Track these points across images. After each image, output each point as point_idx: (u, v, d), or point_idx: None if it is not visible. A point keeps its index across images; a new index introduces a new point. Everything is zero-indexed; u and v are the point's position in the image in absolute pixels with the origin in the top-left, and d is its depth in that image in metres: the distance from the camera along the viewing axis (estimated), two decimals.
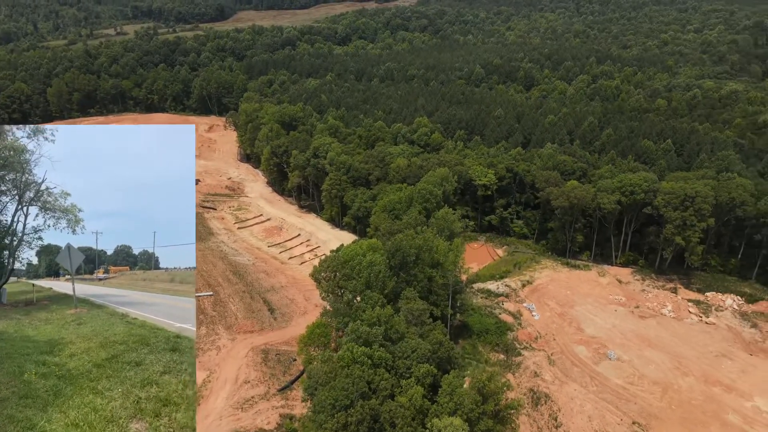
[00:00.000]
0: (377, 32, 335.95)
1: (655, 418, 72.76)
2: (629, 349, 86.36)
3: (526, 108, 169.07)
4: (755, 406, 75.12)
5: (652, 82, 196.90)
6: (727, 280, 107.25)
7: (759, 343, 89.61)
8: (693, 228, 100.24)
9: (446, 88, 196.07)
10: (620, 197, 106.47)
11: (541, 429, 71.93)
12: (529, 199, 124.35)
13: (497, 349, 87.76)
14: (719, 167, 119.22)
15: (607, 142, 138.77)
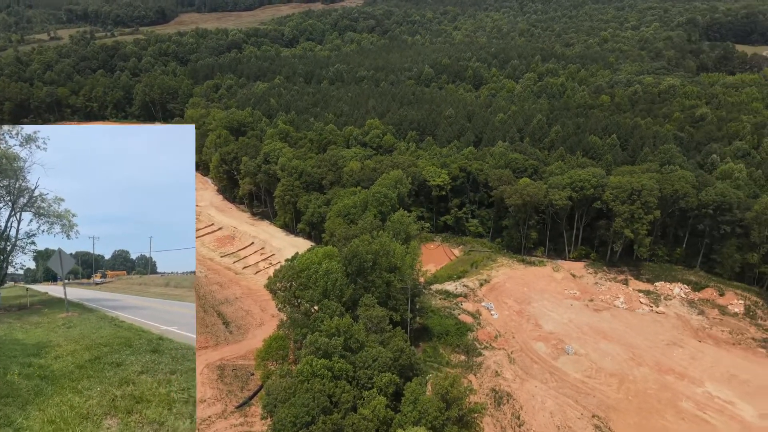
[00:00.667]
0: (325, 34, 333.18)
1: (613, 410, 74.12)
2: (586, 343, 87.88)
3: (476, 107, 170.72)
4: (706, 392, 77.62)
5: (595, 78, 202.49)
6: (674, 270, 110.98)
7: (707, 330, 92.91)
8: (640, 220, 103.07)
9: (397, 89, 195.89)
10: (571, 193, 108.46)
11: (505, 429, 72.06)
12: (483, 197, 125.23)
13: (458, 350, 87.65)
14: (662, 160, 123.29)
15: (556, 138, 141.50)
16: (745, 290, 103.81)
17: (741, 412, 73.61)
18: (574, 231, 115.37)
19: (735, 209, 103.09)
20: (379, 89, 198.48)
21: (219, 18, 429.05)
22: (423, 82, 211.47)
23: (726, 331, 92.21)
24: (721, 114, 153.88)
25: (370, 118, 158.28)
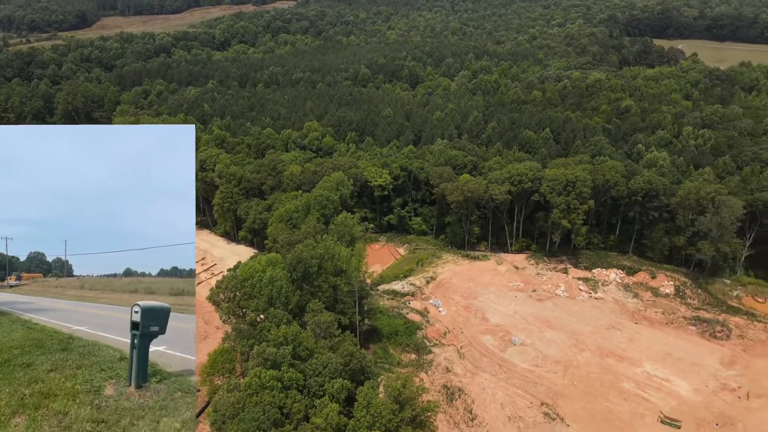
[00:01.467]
0: (258, 36, 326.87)
1: (560, 396, 76.25)
2: (531, 333, 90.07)
3: (414, 105, 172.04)
4: (644, 371, 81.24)
5: (527, 74, 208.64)
6: (609, 256, 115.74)
7: (642, 312, 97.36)
8: (576, 211, 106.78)
9: (334, 90, 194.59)
10: (510, 187, 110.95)
11: (458, 424, 72.69)
12: (425, 195, 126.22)
13: (408, 350, 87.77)
14: (593, 152, 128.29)
15: (493, 134, 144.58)
16: (674, 272, 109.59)
17: (677, 388, 77.47)
18: (515, 224, 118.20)
19: (661, 195, 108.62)
20: (316, 91, 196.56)
21: (145, 21, 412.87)
22: (360, 83, 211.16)
23: (659, 312, 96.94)
24: (644, 105, 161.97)
25: (308, 121, 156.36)
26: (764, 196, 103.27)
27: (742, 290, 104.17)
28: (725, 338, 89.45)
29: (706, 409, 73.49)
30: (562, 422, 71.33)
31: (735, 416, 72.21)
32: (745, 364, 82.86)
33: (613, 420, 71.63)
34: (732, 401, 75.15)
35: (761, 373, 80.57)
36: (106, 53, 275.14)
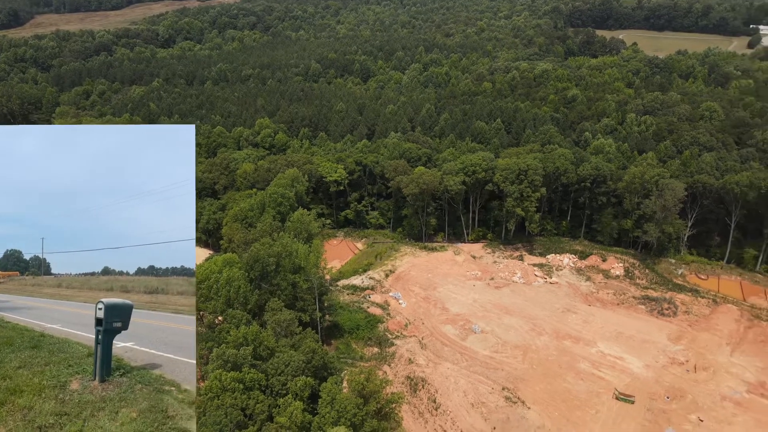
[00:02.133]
0: (204, 32, 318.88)
1: (520, 380, 77.97)
2: (491, 320, 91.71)
3: (367, 100, 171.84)
4: (599, 351, 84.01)
5: (476, 66, 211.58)
6: (562, 242, 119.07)
7: (594, 294, 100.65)
8: (529, 198, 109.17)
9: (285, 86, 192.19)
10: (464, 178, 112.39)
11: (423, 413, 73.34)
12: (381, 189, 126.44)
13: (370, 343, 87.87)
14: (543, 140, 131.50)
15: (446, 126, 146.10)
16: (623, 254, 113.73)
17: (630, 366, 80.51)
18: (471, 214, 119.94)
19: (609, 181, 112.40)
20: (266, 87, 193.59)
21: (82, 19, 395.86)
22: (311, 78, 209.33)
23: (610, 293, 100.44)
24: (589, 94, 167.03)
25: (259, 118, 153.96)
26: (703, 178, 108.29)
27: (686, 268, 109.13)
28: (672, 315, 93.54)
29: (657, 384, 76.72)
30: (523, 405, 73.03)
31: (684, 388, 75.69)
32: (691, 338, 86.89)
33: (571, 399, 73.85)
34: (680, 374, 78.72)
35: (706, 347, 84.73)
36: (41, 52, 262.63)
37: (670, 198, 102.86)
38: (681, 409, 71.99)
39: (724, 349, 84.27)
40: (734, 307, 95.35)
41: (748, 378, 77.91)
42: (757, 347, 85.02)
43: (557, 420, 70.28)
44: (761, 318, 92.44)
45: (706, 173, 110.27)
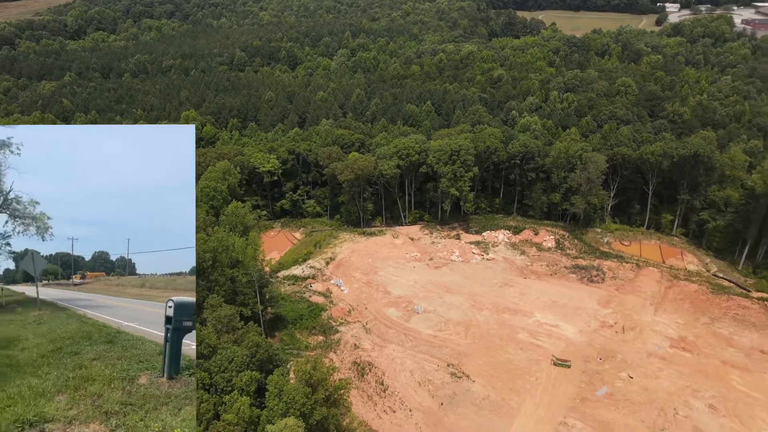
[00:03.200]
0: (117, 22, 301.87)
1: (464, 356, 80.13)
2: (432, 300, 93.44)
3: (296, 87, 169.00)
4: (536, 321, 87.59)
5: (404, 50, 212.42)
6: (496, 219, 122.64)
7: (529, 267, 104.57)
8: (462, 178, 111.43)
9: (209, 77, 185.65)
10: (398, 161, 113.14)
11: (371, 397, 74.02)
12: (315, 177, 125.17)
13: (315, 332, 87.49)
14: (473, 121, 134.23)
15: (377, 110, 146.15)
16: (554, 226, 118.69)
17: (565, 332, 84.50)
18: (407, 197, 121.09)
19: (536, 157, 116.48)
20: (190, 78, 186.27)
21: None
22: (237, 67, 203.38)
23: (544, 265, 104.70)
24: (514, 74, 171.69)
25: (185, 110, 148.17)
26: (622, 150, 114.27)
27: (611, 236, 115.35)
28: (600, 281, 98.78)
29: (590, 347, 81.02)
30: (468, 379, 75.17)
31: (614, 349, 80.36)
32: (618, 302, 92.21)
33: (513, 369, 76.70)
34: (610, 336, 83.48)
35: (632, 308, 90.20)
36: None
37: (593, 170, 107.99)
38: (613, 369, 76.43)
39: (648, 310, 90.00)
40: (655, 270, 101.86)
41: (670, 334, 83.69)
42: (677, 305, 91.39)
43: (501, 390, 72.88)
44: (679, 278, 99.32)
45: (624, 145, 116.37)
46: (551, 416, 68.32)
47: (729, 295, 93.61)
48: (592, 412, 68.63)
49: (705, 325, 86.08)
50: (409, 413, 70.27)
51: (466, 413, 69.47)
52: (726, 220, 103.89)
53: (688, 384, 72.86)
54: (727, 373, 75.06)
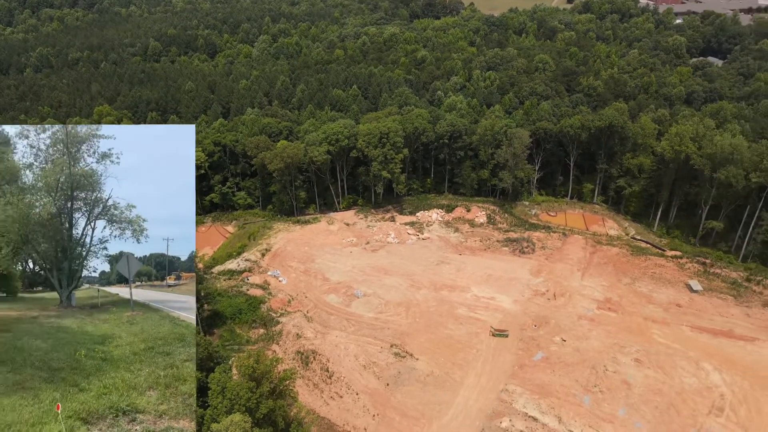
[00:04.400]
0: (13, 13, 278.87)
1: (407, 335, 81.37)
2: (372, 283, 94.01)
3: (217, 76, 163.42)
4: (473, 295, 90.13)
5: (326, 34, 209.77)
6: (429, 198, 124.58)
7: (463, 243, 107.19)
8: (393, 161, 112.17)
9: (123, 69, 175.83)
10: (328, 147, 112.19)
11: (317, 384, 73.90)
12: (245, 168, 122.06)
13: (255, 325, 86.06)
14: (399, 103, 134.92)
15: (303, 97, 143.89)
16: (484, 202, 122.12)
17: (501, 303, 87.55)
18: (339, 182, 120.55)
19: (464, 135, 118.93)
20: (101, 71, 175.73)
21: None
22: (151, 58, 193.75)
23: (477, 240, 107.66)
24: (437, 55, 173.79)
25: (97, 106, 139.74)
26: (544, 124, 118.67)
27: (538, 208, 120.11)
28: (531, 252, 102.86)
29: (526, 315, 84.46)
30: (412, 357, 76.49)
31: (548, 315, 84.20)
32: (549, 270, 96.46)
33: (454, 344, 78.73)
34: (543, 303, 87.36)
35: (561, 275, 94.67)
36: None
37: (518, 146, 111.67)
38: (547, 334, 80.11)
39: (576, 275, 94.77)
40: (580, 237, 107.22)
41: (597, 296, 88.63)
42: (601, 269, 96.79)
43: (444, 365, 74.71)
44: (602, 243, 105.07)
45: (545, 120, 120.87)
46: (493, 385, 70.89)
47: (647, 255, 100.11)
48: (530, 377, 71.79)
49: (627, 285, 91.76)
50: (357, 397, 70.77)
51: (412, 391, 70.81)
52: (640, 186, 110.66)
53: (615, 341, 77.58)
54: (649, 328, 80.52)
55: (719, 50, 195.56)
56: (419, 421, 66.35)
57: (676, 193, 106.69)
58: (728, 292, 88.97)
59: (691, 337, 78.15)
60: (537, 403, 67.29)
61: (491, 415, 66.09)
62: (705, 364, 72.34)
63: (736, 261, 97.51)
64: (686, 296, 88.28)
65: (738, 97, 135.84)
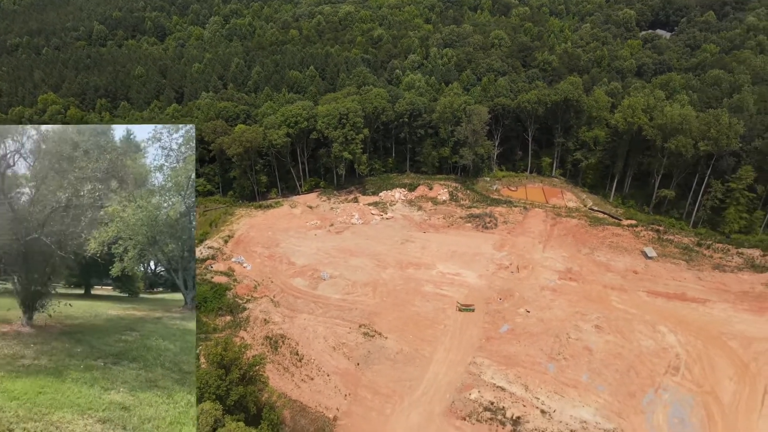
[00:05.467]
0: None
1: (375, 315, 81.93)
2: (338, 265, 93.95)
3: (168, 60, 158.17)
4: (439, 272, 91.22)
5: (280, 14, 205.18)
6: (391, 178, 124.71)
7: (427, 221, 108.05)
8: (354, 141, 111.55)
9: (67, 54, 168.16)
10: (287, 129, 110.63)
11: (288, 368, 73.85)
12: (203, 154, 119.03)
13: (221, 313, 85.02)
14: (358, 83, 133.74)
15: (259, 79, 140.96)
16: (446, 179, 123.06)
17: (466, 279, 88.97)
18: (300, 165, 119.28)
19: (423, 114, 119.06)
20: (43, 57, 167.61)
21: None
22: (97, 42, 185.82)
23: (441, 218, 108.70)
24: (394, 33, 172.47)
25: (41, 93, 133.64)
26: (501, 100, 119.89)
27: (499, 184, 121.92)
28: (494, 227, 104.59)
29: (490, 289, 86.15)
30: (381, 336, 77.21)
31: (512, 288, 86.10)
32: (511, 244, 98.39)
33: (421, 321, 79.79)
34: (507, 277, 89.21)
35: (524, 248, 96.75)
36: None
37: (477, 122, 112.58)
38: (512, 306, 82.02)
39: (537, 248, 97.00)
40: (540, 211, 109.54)
41: (558, 267, 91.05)
42: (562, 240, 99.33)
43: (413, 342, 75.71)
44: (561, 215, 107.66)
45: (503, 96, 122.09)
46: (461, 358, 72.33)
47: (604, 225, 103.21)
48: (497, 349, 73.53)
49: (586, 255, 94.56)
50: (327, 378, 71.13)
51: (382, 369, 71.59)
52: (596, 158, 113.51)
53: (577, 310, 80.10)
54: (608, 296, 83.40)
55: (667, 23, 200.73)
56: (391, 398, 67.26)
57: (630, 163, 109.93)
58: (681, 257, 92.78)
59: (648, 302, 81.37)
60: (504, 374, 69.09)
61: (460, 388, 67.55)
62: (661, 326, 75.55)
63: (688, 227, 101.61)
64: (642, 263, 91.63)
65: (686, 68, 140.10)
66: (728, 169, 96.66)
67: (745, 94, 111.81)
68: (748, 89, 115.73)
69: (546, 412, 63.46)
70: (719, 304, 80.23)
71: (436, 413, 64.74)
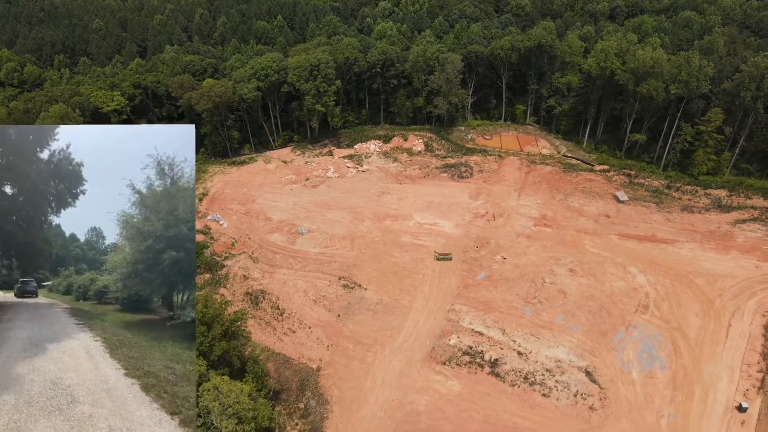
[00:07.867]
0: None
1: (353, 267, 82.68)
2: (315, 219, 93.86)
3: (127, 12, 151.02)
4: (416, 223, 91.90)
5: None
6: (366, 130, 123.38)
7: (403, 173, 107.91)
8: (326, 93, 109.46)
9: (18, 8, 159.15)
10: (258, 83, 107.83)
11: (269, 323, 74.67)
12: (170, 111, 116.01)
13: (200, 271, 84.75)
14: (328, 32, 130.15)
15: (225, 31, 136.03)
16: (421, 130, 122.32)
17: (443, 228, 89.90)
18: (273, 119, 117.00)
19: (396, 63, 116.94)
20: None
21: None
22: None
23: (416, 169, 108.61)
24: None
25: None
26: (475, 47, 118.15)
27: (474, 133, 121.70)
28: (469, 176, 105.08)
29: (467, 237, 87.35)
30: (360, 287, 78.21)
31: (488, 236, 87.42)
32: (487, 192, 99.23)
33: (400, 271, 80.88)
34: (483, 225, 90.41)
35: (499, 197, 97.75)
36: None
37: (450, 71, 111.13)
38: (488, 254, 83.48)
39: (513, 195, 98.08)
40: (515, 158, 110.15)
41: (533, 214, 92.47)
42: (536, 187, 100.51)
43: (392, 292, 76.92)
44: (535, 163, 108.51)
45: (476, 43, 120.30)
46: (440, 306, 73.94)
47: (577, 171, 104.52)
48: (475, 296, 75.25)
49: (560, 201, 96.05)
50: (309, 330, 72.21)
51: (363, 320, 72.85)
52: (569, 104, 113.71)
53: (552, 255, 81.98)
54: (581, 240, 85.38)
55: None
56: (372, 347, 68.78)
57: (603, 109, 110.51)
58: (651, 200, 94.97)
59: (619, 245, 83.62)
60: (482, 319, 71.00)
61: (440, 334, 69.34)
62: (631, 267, 77.98)
63: (658, 170, 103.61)
64: (614, 207, 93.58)
65: (658, 10, 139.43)
66: (698, 111, 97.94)
67: (715, 36, 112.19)
68: (719, 30, 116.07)
69: (522, 353, 65.76)
70: (687, 244, 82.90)
71: (417, 359, 66.58)
